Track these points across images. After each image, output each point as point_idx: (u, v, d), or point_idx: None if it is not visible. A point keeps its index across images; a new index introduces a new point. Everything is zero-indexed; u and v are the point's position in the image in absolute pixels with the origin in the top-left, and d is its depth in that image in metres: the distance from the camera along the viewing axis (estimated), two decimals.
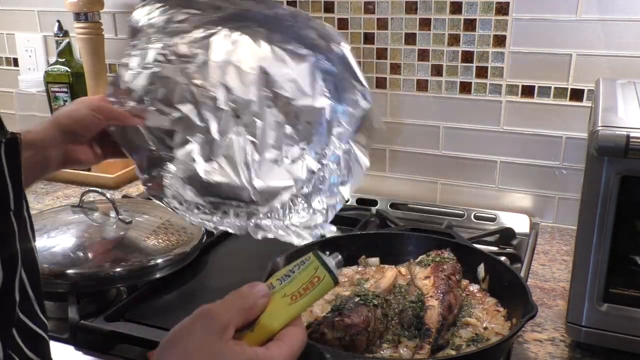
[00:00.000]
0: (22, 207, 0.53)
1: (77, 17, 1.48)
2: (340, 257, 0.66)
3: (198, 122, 0.86)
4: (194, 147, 0.86)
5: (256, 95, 0.86)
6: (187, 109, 0.87)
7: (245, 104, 0.85)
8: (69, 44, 1.56)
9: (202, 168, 0.85)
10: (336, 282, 0.63)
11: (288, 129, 0.85)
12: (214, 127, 0.86)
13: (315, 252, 0.63)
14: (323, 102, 0.85)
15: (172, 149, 0.87)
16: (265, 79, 0.86)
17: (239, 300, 0.58)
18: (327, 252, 0.66)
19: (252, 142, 0.85)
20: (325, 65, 0.86)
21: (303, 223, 0.83)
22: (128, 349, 0.90)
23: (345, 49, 0.85)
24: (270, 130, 0.85)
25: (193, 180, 0.85)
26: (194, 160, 0.86)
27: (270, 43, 0.87)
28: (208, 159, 0.85)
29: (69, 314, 0.93)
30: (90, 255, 1.02)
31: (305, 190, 0.84)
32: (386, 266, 1.03)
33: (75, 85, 1.56)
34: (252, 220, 0.83)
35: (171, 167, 0.86)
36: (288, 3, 1.40)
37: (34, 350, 0.56)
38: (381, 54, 1.37)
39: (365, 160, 0.85)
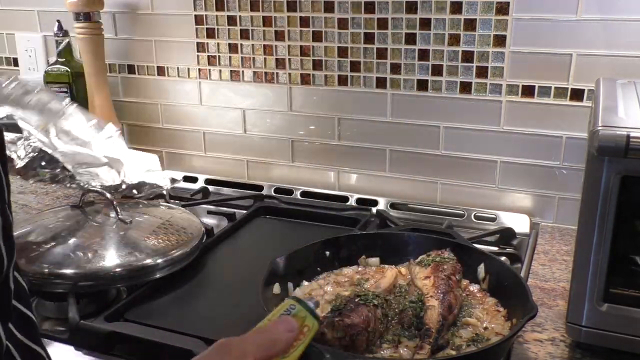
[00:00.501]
0: (10, 199, 0.54)
1: (77, 17, 1.48)
2: (315, 299, 0.70)
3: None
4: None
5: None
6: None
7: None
8: (68, 44, 1.56)
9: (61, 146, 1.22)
10: (321, 324, 0.67)
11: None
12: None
13: (297, 299, 0.65)
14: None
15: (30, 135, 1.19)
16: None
17: (259, 336, 0.59)
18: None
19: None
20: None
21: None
22: (128, 349, 0.90)
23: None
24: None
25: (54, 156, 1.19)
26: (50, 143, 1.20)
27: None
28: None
29: (68, 314, 0.93)
30: (90, 255, 1.01)
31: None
32: (386, 266, 1.03)
33: (75, 85, 1.56)
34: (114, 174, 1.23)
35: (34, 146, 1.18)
36: (289, 3, 1.40)
37: (25, 334, 0.57)
38: (381, 54, 1.37)
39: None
